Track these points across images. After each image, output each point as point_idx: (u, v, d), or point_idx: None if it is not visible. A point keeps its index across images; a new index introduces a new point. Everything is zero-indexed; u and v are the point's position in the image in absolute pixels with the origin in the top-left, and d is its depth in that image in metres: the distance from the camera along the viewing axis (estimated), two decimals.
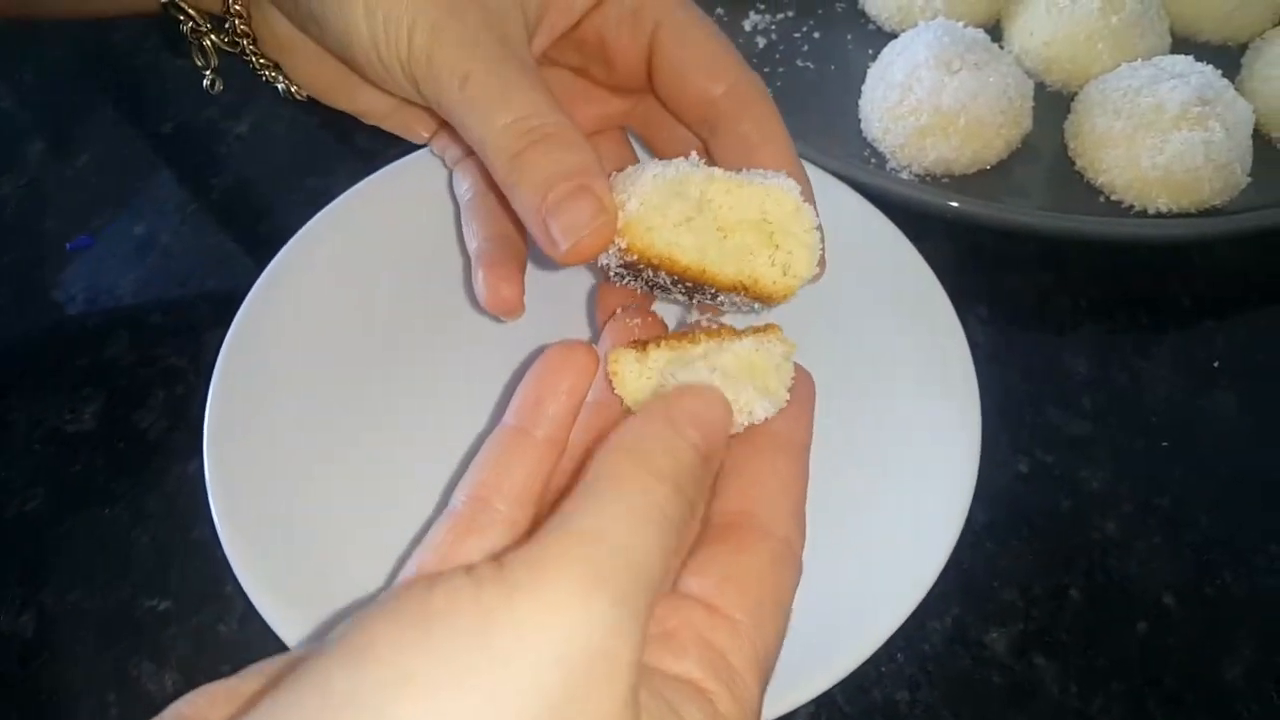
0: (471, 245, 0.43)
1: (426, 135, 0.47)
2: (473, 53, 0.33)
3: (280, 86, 0.45)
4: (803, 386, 0.34)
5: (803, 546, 0.30)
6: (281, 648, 0.37)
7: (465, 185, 0.46)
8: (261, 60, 0.44)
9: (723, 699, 0.26)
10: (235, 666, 0.41)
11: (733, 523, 0.30)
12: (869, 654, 0.37)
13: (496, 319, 0.42)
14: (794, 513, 0.31)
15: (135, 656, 0.41)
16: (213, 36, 0.44)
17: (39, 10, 0.53)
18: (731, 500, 0.30)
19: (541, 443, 0.33)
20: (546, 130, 0.32)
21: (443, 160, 0.48)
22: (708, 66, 0.38)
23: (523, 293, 0.40)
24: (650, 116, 0.43)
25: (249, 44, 0.43)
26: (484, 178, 0.44)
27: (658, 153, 0.45)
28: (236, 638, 0.42)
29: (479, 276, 0.41)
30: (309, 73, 0.44)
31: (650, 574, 0.22)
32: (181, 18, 0.43)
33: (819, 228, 0.33)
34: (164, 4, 0.43)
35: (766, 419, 0.31)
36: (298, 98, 0.46)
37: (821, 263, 0.34)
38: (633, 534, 0.23)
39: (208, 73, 0.45)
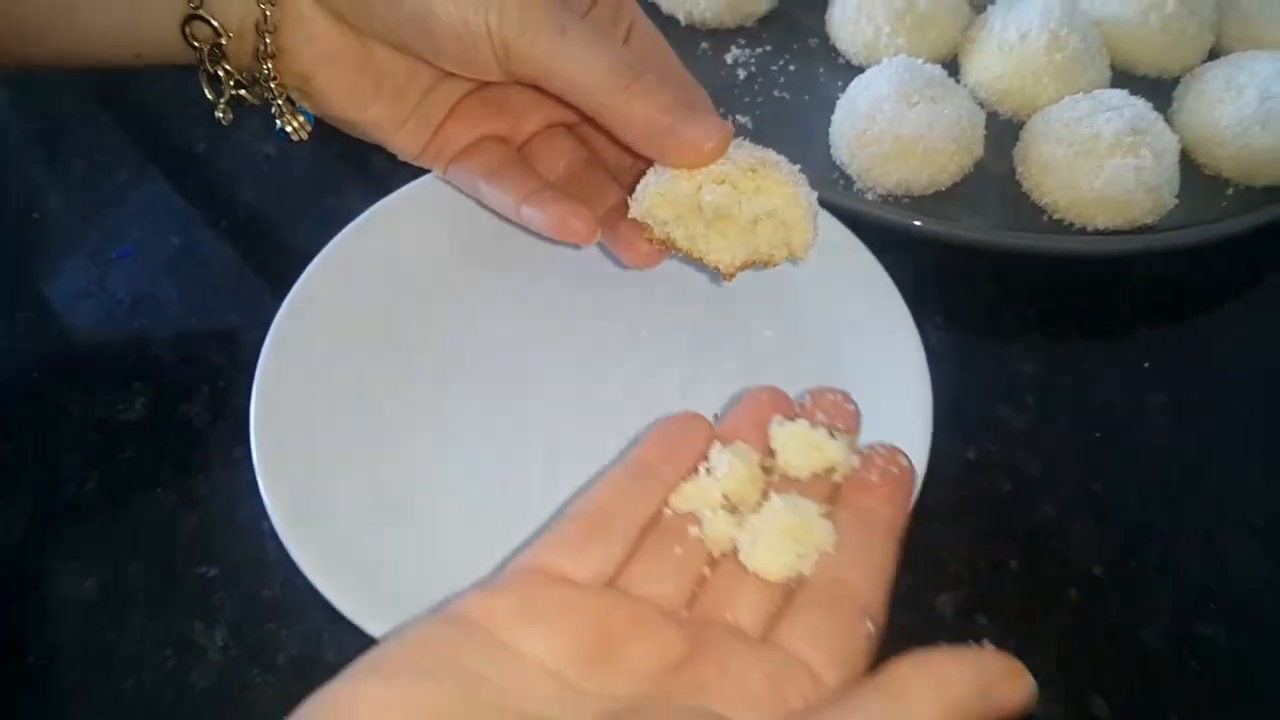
0: (509, 203, 0.47)
1: (415, 153, 0.50)
2: (562, 11, 0.41)
3: (285, 123, 0.49)
4: (903, 473, 0.37)
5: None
6: (321, 608, 0.42)
7: (470, 173, 0.49)
8: (279, 87, 0.46)
9: None
10: (279, 625, 0.47)
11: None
12: None
13: (571, 246, 0.50)
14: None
15: (187, 617, 0.47)
16: (226, 65, 0.46)
17: (33, 57, 0.49)
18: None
19: (663, 482, 0.36)
20: (645, 69, 0.41)
21: (433, 171, 0.52)
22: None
23: (592, 215, 0.46)
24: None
25: (271, 65, 0.45)
26: (490, 163, 0.49)
27: (603, 155, 0.51)
28: (279, 599, 0.47)
29: (543, 215, 0.45)
30: (324, 82, 0.46)
31: None
32: (197, 43, 0.45)
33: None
34: (188, 16, 0.44)
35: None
36: (296, 136, 0.49)
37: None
38: None
39: (221, 102, 0.48)
